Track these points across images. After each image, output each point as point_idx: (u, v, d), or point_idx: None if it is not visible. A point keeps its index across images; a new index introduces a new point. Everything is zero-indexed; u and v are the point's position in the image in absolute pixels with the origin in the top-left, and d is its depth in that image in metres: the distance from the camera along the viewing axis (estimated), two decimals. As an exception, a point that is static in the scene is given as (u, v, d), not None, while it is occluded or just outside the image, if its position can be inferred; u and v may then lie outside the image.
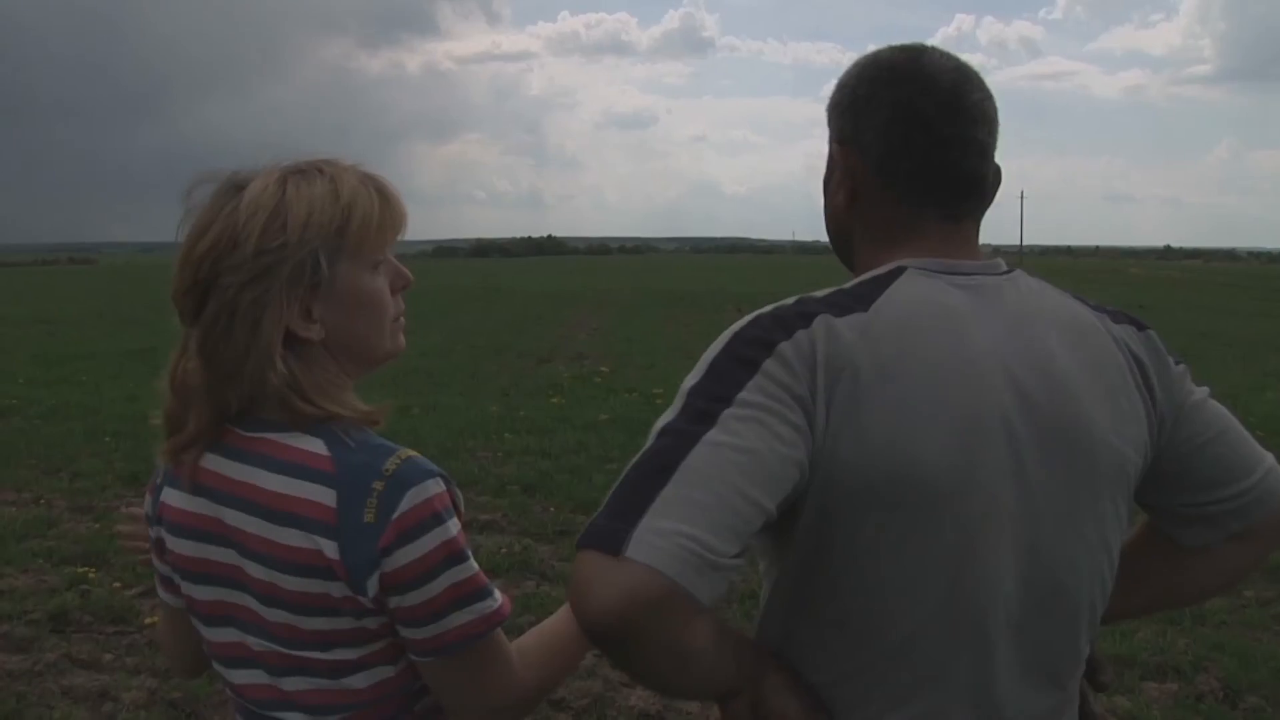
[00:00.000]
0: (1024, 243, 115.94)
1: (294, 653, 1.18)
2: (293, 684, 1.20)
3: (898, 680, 1.05)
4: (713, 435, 0.95)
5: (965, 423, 1.02)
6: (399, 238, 1.23)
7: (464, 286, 30.19)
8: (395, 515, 1.10)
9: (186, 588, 1.25)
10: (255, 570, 1.16)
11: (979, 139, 1.13)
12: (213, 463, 1.19)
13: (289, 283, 1.13)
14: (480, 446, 7.80)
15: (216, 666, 1.28)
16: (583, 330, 18.35)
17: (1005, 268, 1.15)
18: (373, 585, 1.11)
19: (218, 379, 1.15)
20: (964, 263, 1.13)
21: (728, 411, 0.97)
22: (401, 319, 1.25)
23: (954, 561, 1.02)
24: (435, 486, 1.13)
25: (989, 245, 1.20)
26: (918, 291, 1.08)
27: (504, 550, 5.21)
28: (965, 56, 1.16)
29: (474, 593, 1.14)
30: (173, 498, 1.23)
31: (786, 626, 1.10)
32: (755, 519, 0.95)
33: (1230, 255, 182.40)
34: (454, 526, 1.14)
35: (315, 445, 1.15)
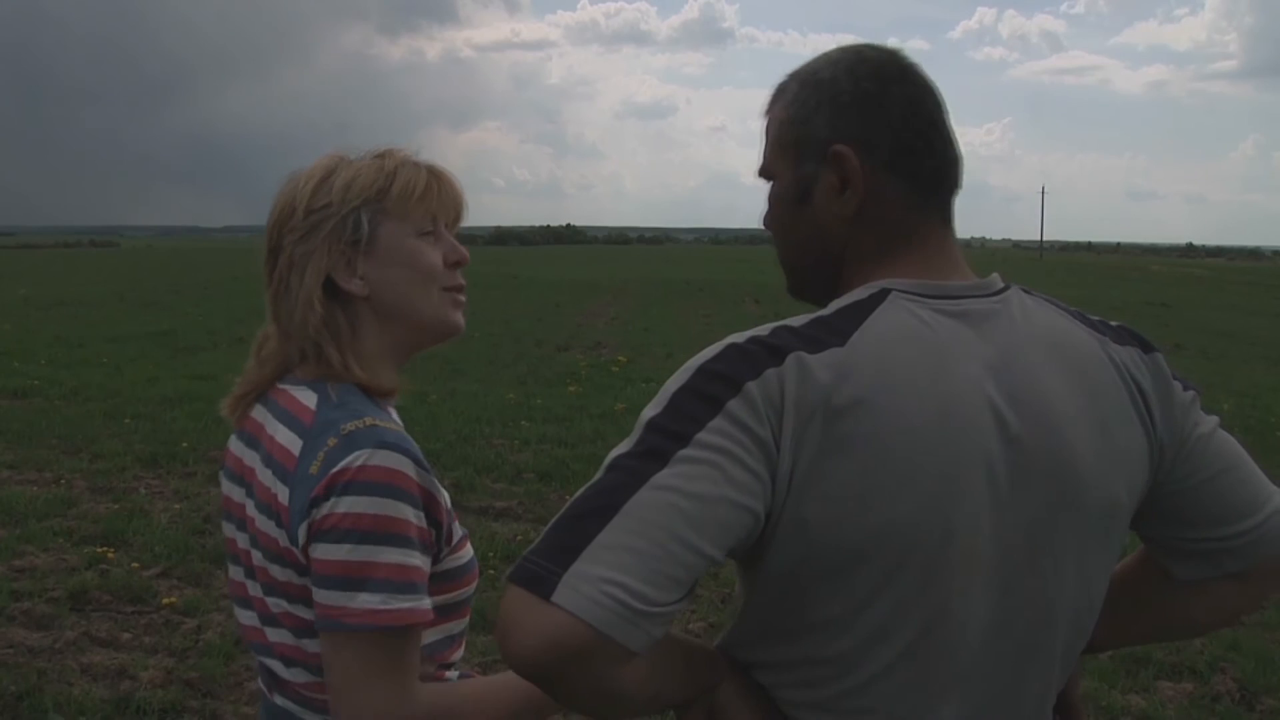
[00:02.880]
0: (1044, 239, 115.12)
1: (269, 599, 1.23)
2: (274, 634, 1.24)
3: (863, 714, 1.03)
4: (661, 477, 0.91)
5: (944, 471, 0.97)
6: (457, 220, 1.32)
7: (482, 274, 30.24)
8: (334, 470, 1.13)
9: (223, 526, 1.33)
10: (250, 509, 1.24)
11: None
12: (254, 410, 1.30)
13: (331, 236, 1.24)
14: (497, 434, 7.83)
15: (234, 606, 1.34)
16: (600, 319, 18.37)
17: (999, 285, 1.09)
18: (302, 534, 1.14)
19: (283, 336, 1.26)
20: (953, 283, 1.07)
21: (683, 452, 0.92)
22: (459, 295, 1.31)
23: (925, 608, 0.99)
24: (394, 460, 1.14)
25: (1009, 240, 1.15)
26: (900, 321, 1.02)
27: (519, 538, 5.21)
28: (986, 50, 1.06)
29: (399, 583, 1.12)
30: (231, 443, 1.34)
31: (756, 651, 1.08)
32: (698, 566, 0.91)
33: (1254, 254, 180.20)
34: (406, 509, 1.13)
35: (308, 398, 1.23)
